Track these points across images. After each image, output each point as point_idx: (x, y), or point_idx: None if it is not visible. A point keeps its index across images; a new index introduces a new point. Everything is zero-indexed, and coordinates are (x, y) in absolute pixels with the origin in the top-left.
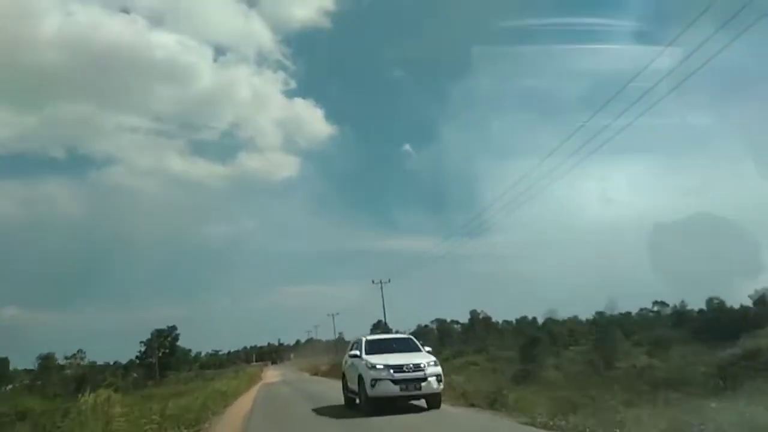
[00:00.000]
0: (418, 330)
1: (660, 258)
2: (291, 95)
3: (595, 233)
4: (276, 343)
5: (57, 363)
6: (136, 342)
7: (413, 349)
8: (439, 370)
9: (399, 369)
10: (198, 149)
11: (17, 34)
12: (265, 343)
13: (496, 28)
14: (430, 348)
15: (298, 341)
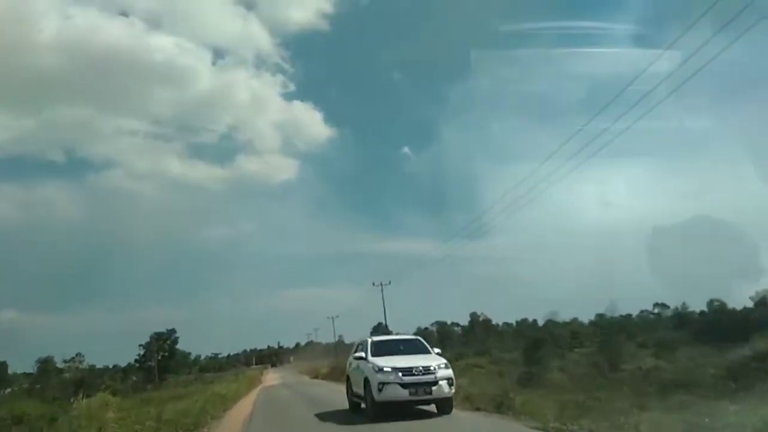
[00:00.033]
0: (418, 332)
1: (659, 261)
2: (289, 98)
3: (595, 236)
4: (276, 346)
5: (56, 366)
6: (135, 345)
7: (421, 351)
8: (451, 372)
9: (408, 372)
10: (197, 152)
11: (16, 37)
12: (265, 346)
13: (494, 31)
14: (439, 350)
15: (297, 344)
